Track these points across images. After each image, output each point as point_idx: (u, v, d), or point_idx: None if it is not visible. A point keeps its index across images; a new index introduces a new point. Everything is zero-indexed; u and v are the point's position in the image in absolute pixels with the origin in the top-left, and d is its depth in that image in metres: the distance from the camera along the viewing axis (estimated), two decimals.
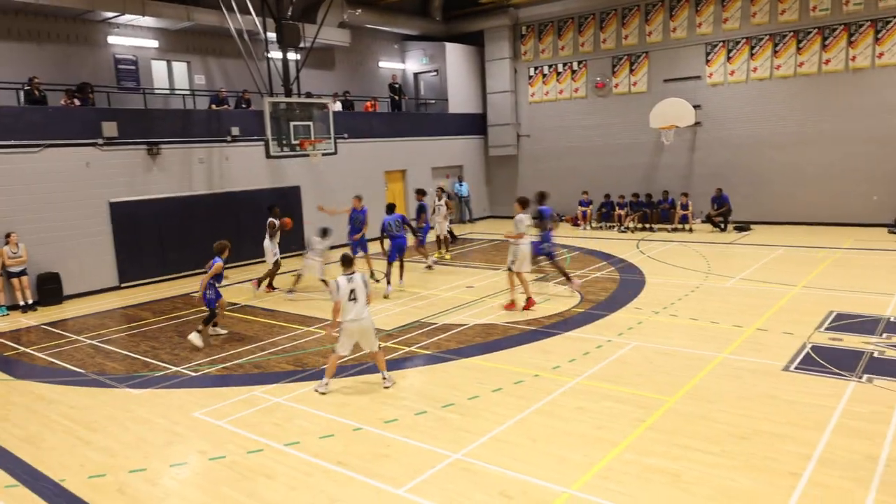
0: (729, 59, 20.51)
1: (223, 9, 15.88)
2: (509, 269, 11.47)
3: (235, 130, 17.36)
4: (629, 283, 13.06)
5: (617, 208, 21.66)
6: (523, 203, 11.60)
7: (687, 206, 20.27)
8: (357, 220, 14.63)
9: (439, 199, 17.26)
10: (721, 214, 19.55)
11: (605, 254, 16.64)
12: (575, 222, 22.62)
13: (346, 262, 7.99)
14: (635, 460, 5.83)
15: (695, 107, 20.71)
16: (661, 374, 7.96)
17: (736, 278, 13.09)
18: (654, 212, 21.09)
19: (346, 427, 6.86)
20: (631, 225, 20.99)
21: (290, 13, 15.93)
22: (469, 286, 13.62)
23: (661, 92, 21.56)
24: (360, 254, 14.70)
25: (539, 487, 5.46)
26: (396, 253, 13.38)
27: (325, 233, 13.32)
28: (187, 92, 18.30)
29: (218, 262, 10.21)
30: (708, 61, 20.92)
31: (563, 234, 20.20)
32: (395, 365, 8.86)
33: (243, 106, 18.36)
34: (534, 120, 25.01)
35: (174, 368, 9.19)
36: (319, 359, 9.23)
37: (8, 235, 13.31)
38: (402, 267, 13.75)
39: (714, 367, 8.06)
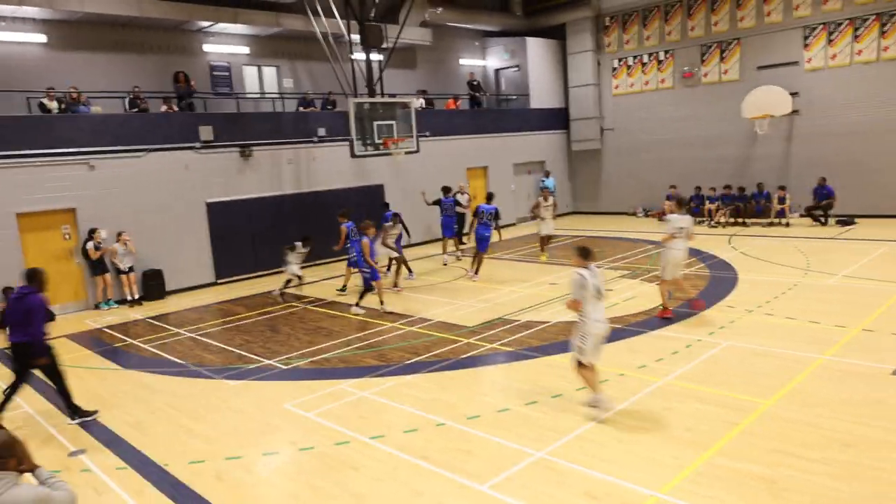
0: (830, 42, 19.28)
1: (309, 13, 16.40)
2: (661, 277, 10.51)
3: (322, 131, 17.89)
4: (720, 281, 12.55)
5: (707, 202, 20.82)
6: (679, 202, 10.63)
7: (784, 200, 19.23)
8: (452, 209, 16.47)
9: (546, 200, 16.70)
10: (821, 207, 18.44)
11: (695, 250, 16.01)
12: (661, 217, 21.90)
13: (586, 254, 6.83)
14: (728, 465, 5.61)
15: (792, 94, 19.59)
16: (756, 375, 7.60)
17: (839, 275, 12.31)
18: (748, 206, 20.14)
19: (429, 422, 6.94)
20: (722, 220, 20.13)
21: (372, 14, 16.24)
22: (552, 283, 13.47)
23: (755, 80, 20.51)
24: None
25: (626, 489, 5.34)
26: (481, 243, 14.27)
27: (305, 240, 14.00)
28: (276, 95, 19.01)
29: (364, 240, 11.75)
30: (806, 45, 19.74)
31: (650, 230, 19.63)
32: (477, 361, 8.88)
33: (329, 107, 18.88)
34: (618, 113, 24.41)
35: (266, 361, 9.59)
36: (403, 354, 9.38)
37: (119, 234, 14.28)
38: (478, 261, 14.24)
39: (815, 370, 7.63)
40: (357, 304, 12.06)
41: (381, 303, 12.08)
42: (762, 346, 8.62)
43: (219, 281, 16.20)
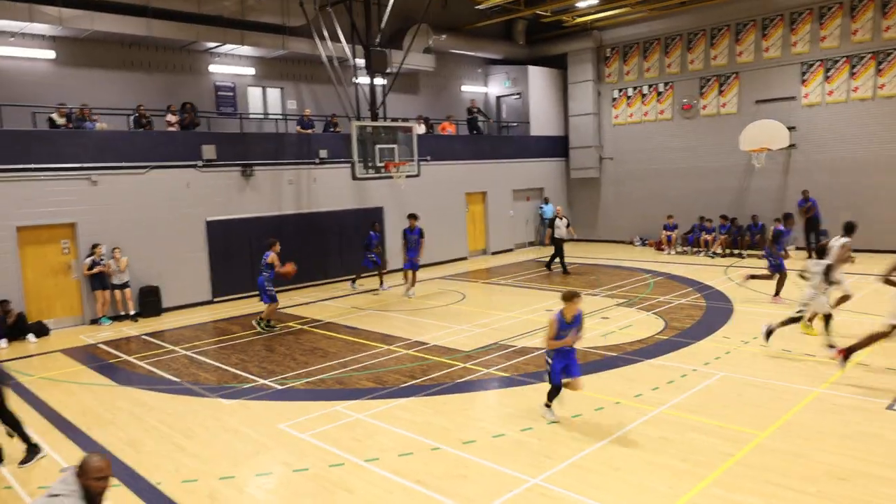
0: (827, 78, 19.59)
1: (315, 37, 16.64)
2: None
3: (323, 153, 18.04)
4: (716, 311, 12.59)
5: (704, 233, 20.97)
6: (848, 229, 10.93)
7: None
8: (411, 240, 15.83)
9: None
10: (812, 229, 18.59)
11: (691, 280, 16.12)
12: (659, 247, 22.03)
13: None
14: (723, 496, 5.60)
15: (789, 128, 19.84)
16: (751, 406, 7.61)
17: (833, 309, 12.34)
18: (744, 237, 20.28)
19: (424, 446, 6.93)
20: (719, 250, 20.25)
21: (378, 40, 16.48)
22: (549, 309, 13.48)
23: (752, 113, 20.79)
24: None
25: None
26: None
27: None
28: (280, 116, 19.19)
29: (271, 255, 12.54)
30: (804, 81, 20.05)
31: (646, 259, 19.72)
32: (473, 386, 8.88)
33: (331, 129, 19.05)
34: (617, 142, 24.66)
35: (261, 381, 9.57)
36: (399, 377, 9.38)
37: (113, 250, 14.30)
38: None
39: (810, 402, 7.64)
40: (261, 322, 12.72)
41: (261, 320, 12.76)
42: (757, 377, 8.64)
43: (216, 299, 16.19)
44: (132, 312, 14.54)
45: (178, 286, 15.50)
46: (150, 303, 14.92)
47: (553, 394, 7.45)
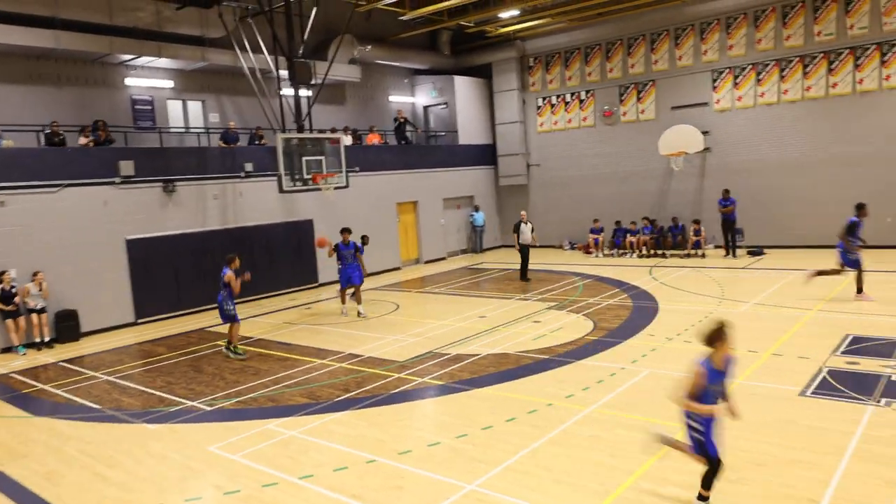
0: (736, 85, 20.66)
1: (236, 49, 16.32)
2: None
3: (249, 166, 17.67)
4: (642, 310, 13.02)
5: (629, 235, 21.68)
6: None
7: (699, 232, 20.26)
8: (346, 255, 14.74)
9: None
10: (730, 231, 19.45)
11: (618, 281, 16.62)
12: (587, 250, 22.63)
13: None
14: (651, 489, 5.79)
15: (703, 133, 20.80)
16: None
17: (750, 303, 13.02)
18: (667, 238, 21.10)
19: (359, 459, 6.86)
20: (643, 251, 20.99)
21: (301, 51, 16.31)
22: (482, 316, 13.64)
23: (669, 119, 21.70)
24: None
25: None
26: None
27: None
28: (202, 130, 18.69)
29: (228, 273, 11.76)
30: (715, 88, 21.08)
31: (576, 262, 20.22)
32: (408, 396, 8.87)
33: (256, 142, 18.70)
34: (543, 149, 25.22)
35: (189, 403, 9.25)
36: (333, 391, 9.26)
37: (34, 274, 13.56)
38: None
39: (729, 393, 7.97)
40: (229, 346, 11.80)
41: (230, 343, 11.79)
42: (681, 372, 8.94)
43: (140, 321, 15.56)
44: (47, 339, 13.78)
45: (97, 309, 14.81)
46: (67, 328, 14.18)
47: (712, 475, 5.27)
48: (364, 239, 15.42)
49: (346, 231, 14.88)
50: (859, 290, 12.72)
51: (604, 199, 23.41)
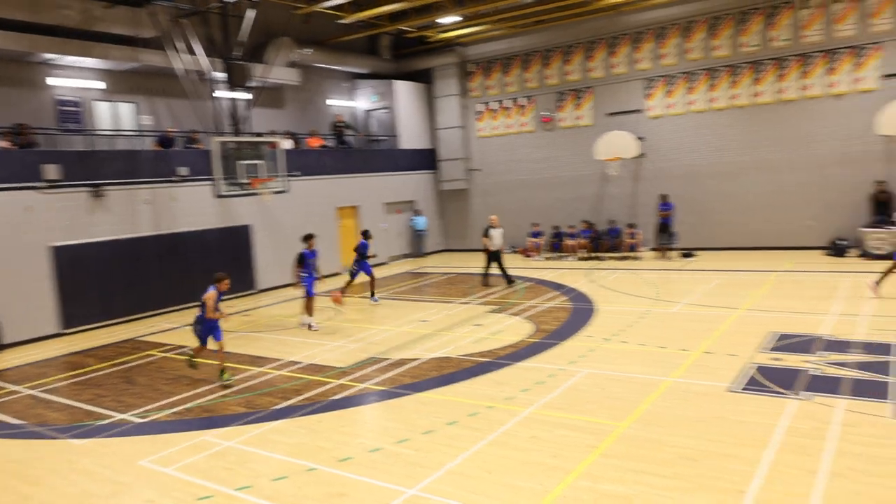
0: (668, 93, 21.37)
1: (170, 49, 15.85)
2: None
3: (184, 170, 17.16)
4: (580, 312, 13.29)
5: (567, 239, 22.10)
6: None
7: (635, 235, 20.85)
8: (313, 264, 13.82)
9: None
10: (666, 231, 20.05)
11: (557, 284, 16.91)
12: (527, 254, 22.94)
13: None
14: (589, 487, 5.90)
15: (638, 139, 21.44)
16: (613, 399, 8.09)
17: (682, 303, 13.46)
18: (604, 241, 21.61)
19: (299, 468, 6.75)
20: (582, 254, 21.43)
21: (238, 53, 15.98)
22: (423, 320, 13.63)
23: (606, 125, 22.26)
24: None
25: None
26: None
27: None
28: (134, 133, 18.06)
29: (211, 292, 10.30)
30: (648, 95, 21.75)
31: (517, 266, 20.46)
32: (348, 402, 8.78)
33: (191, 146, 18.20)
34: (484, 154, 25.45)
35: (120, 416, 8.90)
36: (272, 399, 9.08)
37: None
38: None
39: (663, 392, 8.24)
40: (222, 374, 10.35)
41: (191, 359, 10.77)
42: (618, 371, 9.20)
43: (67, 331, 14.88)
44: None
45: (20, 319, 14.07)
46: None
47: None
48: (366, 234, 15.86)
49: (310, 237, 13.87)
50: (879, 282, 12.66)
51: (543, 204, 23.79)
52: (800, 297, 13.25)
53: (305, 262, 13.62)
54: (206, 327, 10.30)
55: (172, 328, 14.73)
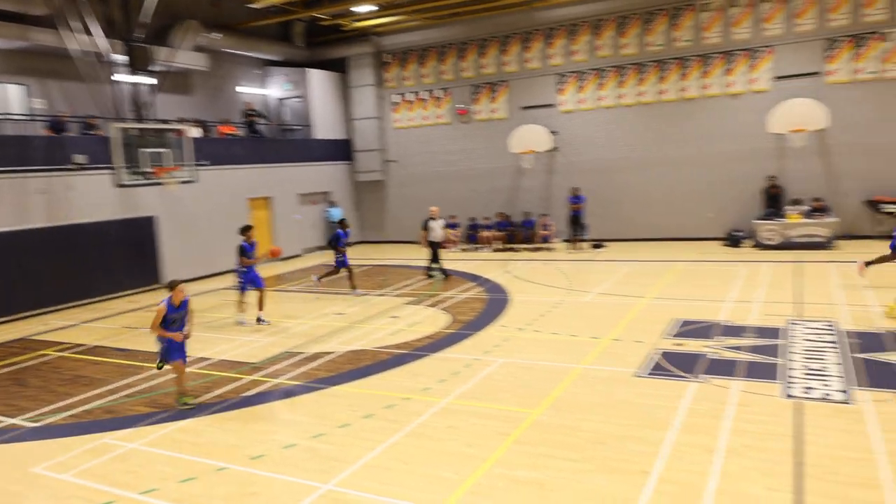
0: (580, 88, 21.98)
1: (65, 28, 14.84)
2: None
3: (81, 158, 16.13)
4: (496, 303, 13.50)
5: (483, 230, 22.39)
6: None
7: (548, 227, 21.37)
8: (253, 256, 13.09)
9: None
10: (577, 225, 20.63)
11: (473, 275, 17.10)
12: (443, 245, 23.01)
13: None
14: (503, 474, 6.01)
15: (551, 133, 21.96)
16: (526, 388, 8.28)
17: (593, 293, 13.93)
18: (518, 232, 22.04)
19: (209, 468, 6.52)
20: (497, 246, 21.77)
21: (140, 35, 15.17)
22: (339, 313, 13.47)
23: (520, 119, 22.67)
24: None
25: None
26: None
27: None
28: (24, 117, 16.81)
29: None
30: (560, 90, 22.30)
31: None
32: (262, 398, 8.55)
33: (89, 132, 17.15)
34: (400, 146, 25.36)
35: (10, 421, 8.30)
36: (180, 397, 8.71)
37: None
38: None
39: (574, 378, 8.51)
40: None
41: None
42: (531, 360, 9.42)
43: None
44: None
45: None
46: None
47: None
48: (343, 223, 15.21)
49: (248, 228, 13.08)
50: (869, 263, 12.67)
51: (459, 195, 23.98)
52: (700, 285, 13.99)
53: (247, 256, 12.81)
54: (165, 347, 8.31)
55: (69, 326, 13.89)
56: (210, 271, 19.27)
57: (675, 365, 8.74)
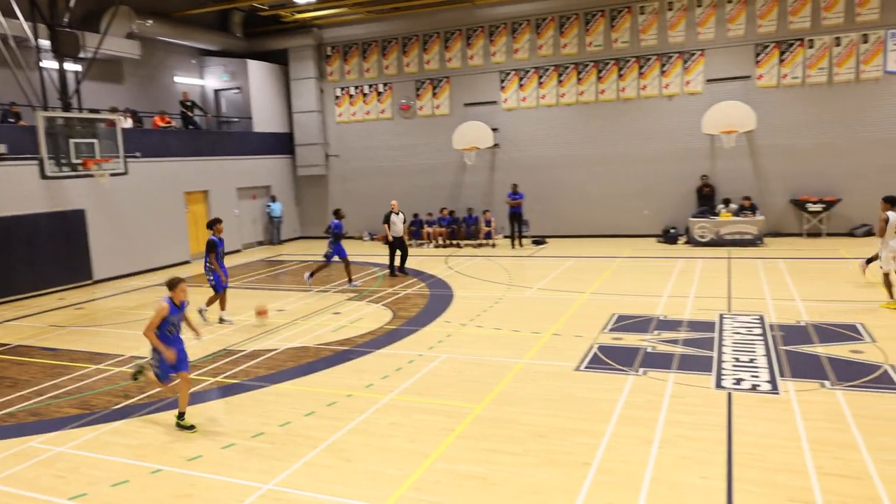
0: (521, 86, 22.22)
1: None
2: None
3: (2, 148, 15.29)
4: (439, 298, 13.53)
5: (426, 226, 22.39)
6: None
7: (490, 223, 21.55)
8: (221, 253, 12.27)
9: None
10: (516, 221, 20.80)
11: (416, 271, 17.09)
12: (386, 241, 22.87)
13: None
14: (446, 468, 6.03)
15: (493, 129, 22.12)
16: (470, 383, 8.33)
17: (534, 288, 14.13)
18: (461, 229, 22.13)
19: (142, 470, 6.29)
20: (439, 242, 21.80)
21: (67, 20, 14.47)
22: (280, 309, 13.23)
23: (463, 115, 22.75)
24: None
25: None
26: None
27: None
28: None
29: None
30: (502, 87, 22.49)
31: (376, 253, 20.41)
32: (199, 397, 8.32)
33: (11, 120, 16.27)
34: (342, 140, 25.08)
35: None
36: (111, 399, 8.39)
37: None
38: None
39: (516, 373, 8.61)
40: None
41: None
42: (474, 355, 9.48)
43: None
44: None
45: None
46: None
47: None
48: (338, 213, 15.22)
49: (217, 222, 12.10)
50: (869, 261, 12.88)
51: (402, 191, 23.83)
52: (637, 280, 14.39)
53: (217, 252, 11.99)
54: (158, 359, 7.35)
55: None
56: (143, 267, 18.65)
57: (613, 359, 8.95)
